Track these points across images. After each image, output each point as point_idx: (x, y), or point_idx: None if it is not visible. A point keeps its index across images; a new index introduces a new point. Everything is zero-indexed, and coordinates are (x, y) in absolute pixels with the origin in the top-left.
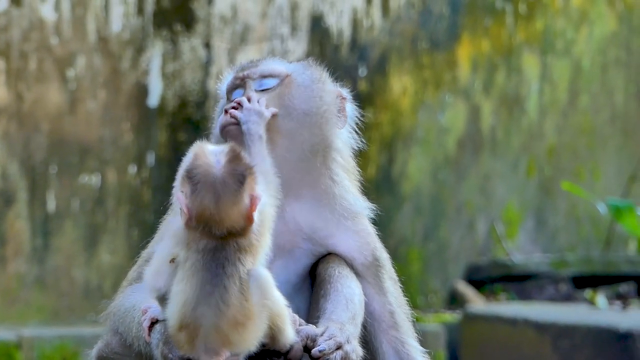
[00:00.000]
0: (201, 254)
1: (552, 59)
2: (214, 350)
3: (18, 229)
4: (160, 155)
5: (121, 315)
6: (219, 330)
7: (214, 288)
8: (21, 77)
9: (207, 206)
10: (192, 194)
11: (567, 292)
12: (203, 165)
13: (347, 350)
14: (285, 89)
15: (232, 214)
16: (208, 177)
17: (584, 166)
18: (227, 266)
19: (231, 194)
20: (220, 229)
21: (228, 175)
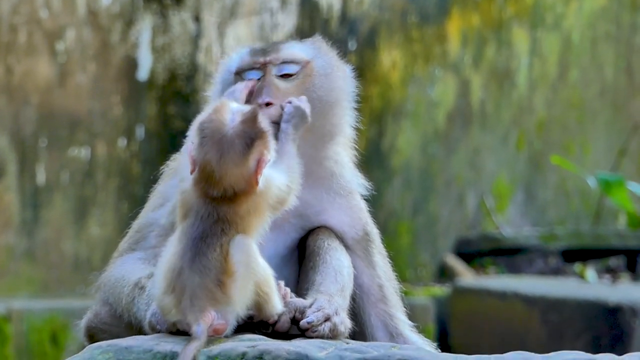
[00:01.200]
0: (193, 220)
1: (542, 33)
2: (200, 308)
3: (7, 201)
4: (150, 129)
5: (111, 286)
6: (203, 289)
7: (198, 256)
8: (11, 50)
9: (209, 161)
10: (199, 146)
11: (556, 265)
12: (216, 121)
13: (335, 322)
14: (307, 77)
15: (233, 174)
16: (217, 133)
17: (573, 140)
18: (212, 236)
19: (235, 154)
20: (218, 187)
21: (237, 136)
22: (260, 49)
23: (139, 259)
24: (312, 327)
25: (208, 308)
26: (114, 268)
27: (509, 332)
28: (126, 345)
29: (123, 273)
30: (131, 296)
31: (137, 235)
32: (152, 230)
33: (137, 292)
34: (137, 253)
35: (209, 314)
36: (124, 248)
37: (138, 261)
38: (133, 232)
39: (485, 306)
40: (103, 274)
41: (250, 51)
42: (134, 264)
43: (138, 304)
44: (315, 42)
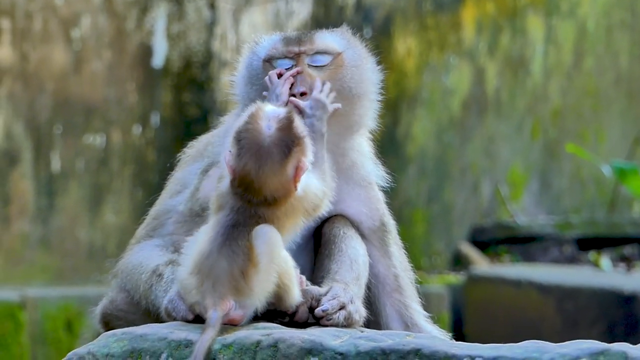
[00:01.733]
0: (227, 212)
1: (557, 20)
2: (220, 294)
3: (22, 189)
4: (165, 116)
5: (128, 273)
6: (227, 276)
7: (229, 242)
8: (26, 38)
9: (249, 172)
10: (237, 157)
11: (571, 254)
12: (252, 130)
13: (350, 311)
14: (337, 68)
15: (272, 183)
16: (254, 144)
17: (588, 128)
18: (244, 226)
19: (274, 164)
20: (258, 196)
21: (274, 145)
22: (294, 38)
23: (157, 246)
24: (327, 315)
25: (228, 296)
26: (131, 255)
27: (523, 321)
28: (141, 333)
29: (141, 260)
30: (149, 283)
31: (155, 222)
32: (169, 217)
33: (155, 279)
34: (154, 240)
35: (227, 302)
36: (141, 235)
37: (156, 248)
38: (150, 219)
39: (500, 295)
40: (120, 261)
41: (283, 40)
42: (152, 251)
43: (156, 291)
44: (345, 33)
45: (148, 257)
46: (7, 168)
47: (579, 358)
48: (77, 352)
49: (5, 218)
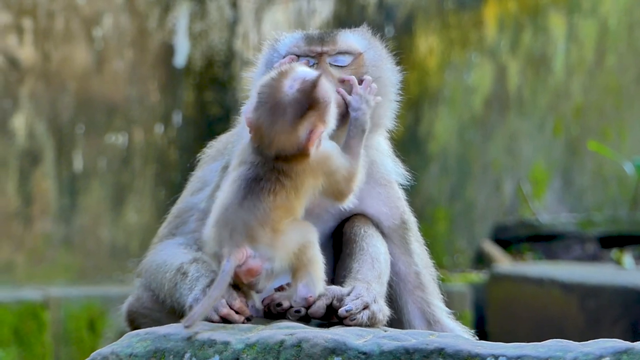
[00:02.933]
0: (248, 166)
1: (579, 18)
2: (236, 242)
3: (45, 188)
4: (187, 115)
5: (153, 272)
6: (244, 226)
7: (250, 195)
8: (48, 37)
9: (261, 125)
10: (254, 109)
11: (593, 252)
12: (273, 86)
13: (374, 310)
14: (358, 68)
15: (282, 140)
16: (271, 99)
17: (610, 126)
18: (265, 180)
19: (285, 122)
20: (269, 149)
21: (289, 104)
22: (317, 38)
23: (180, 244)
24: (351, 315)
25: (244, 244)
26: (154, 253)
27: (546, 319)
28: (164, 333)
29: (165, 258)
30: (173, 281)
31: (177, 220)
32: (191, 215)
33: (180, 278)
34: (177, 238)
35: (243, 250)
36: (164, 233)
37: (180, 246)
38: (172, 217)
39: (523, 293)
40: (144, 260)
41: (305, 38)
42: (176, 249)
43: (180, 289)
44: (366, 34)
45: (172, 255)
46: (29, 167)
47: (602, 357)
48: (101, 352)
49: (28, 217)
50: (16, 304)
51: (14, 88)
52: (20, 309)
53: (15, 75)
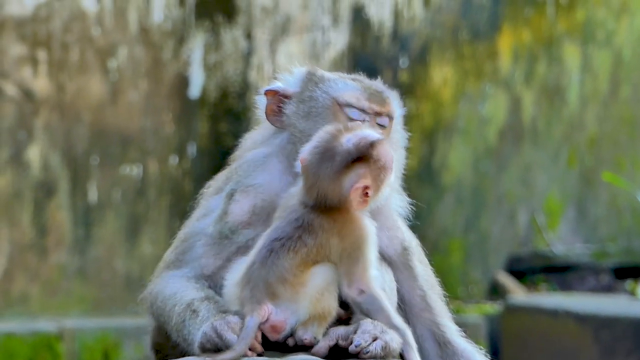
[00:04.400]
0: (278, 223)
1: (593, 49)
2: (258, 300)
3: (59, 219)
4: (202, 146)
5: (160, 304)
6: (265, 283)
7: (271, 250)
8: (63, 68)
9: (309, 166)
10: (310, 151)
11: (608, 283)
12: (333, 134)
13: (386, 340)
14: (390, 130)
15: (325, 185)
16: (327, 144)
17: (625, 156)
18: (291, 235)
19: (330, 169)
20: (311, 194)
21: (340, 152)
22: (378, 97)
23: (191, 277)
24: (362, 349)
25: (265, 301)
26: (162, 283)
27: (560, 351)
28: None
29: (175, 290)
30: (182, 317)
31: (184, 244)
32: (198, 240)
33: (189, 315)
34: (185, 269)
35: (265, 307)
36: (171, 259)
37: (191, 280)
38: (179, 242)
39: (537, 324)
40: (150, 286)
41: (367, 93)
42: (186, 283)
43: (189, 327)
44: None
45: (182, 288)
46: (44, 199)
47: None
48: None
49: (43, 249)
50: (31, 336)
51: (28, 119)
52: (35, 340)
53: (29, 106)
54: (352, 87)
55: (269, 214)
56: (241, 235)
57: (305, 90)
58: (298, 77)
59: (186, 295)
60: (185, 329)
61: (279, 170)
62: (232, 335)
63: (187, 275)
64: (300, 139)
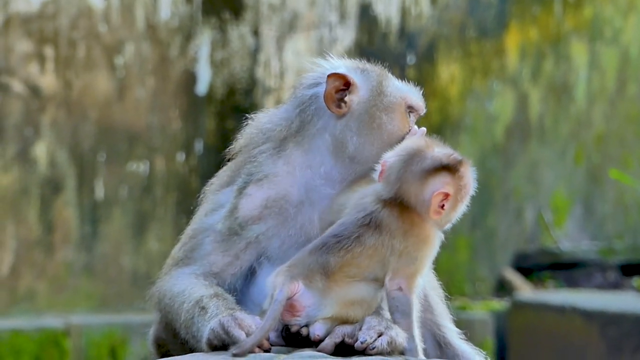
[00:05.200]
0: (345, 218)
1: (601, 46)
2: (292, 276)
3: (66, 216)
4: (209, 143)
5: (168, 301)
6: (305, 266)
7: (326, 244)
8: (69, 65)
9: (395, 163)
10: (396, 154)
11: (615, 280)
12: (423, 144)
13: (391, 335)
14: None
15: (408, 184)
16: (417, 150)
17: (631, 154)
18: (351, 234)
19: (418, 169)
20: (390, 187)
21: (431, 158)
22: (423, 102)
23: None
24: (368, 345)
25: (299, 280)
26: (171, 280)
27: (567, 347)
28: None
29: (183, 288)
30: (191, 314)
31: (193, 241)
32: (207, 236)
33: (198, 311)
34: (193, 267)
35: (296, 285)
36: (179, 257)
37: (200, 277)
38: (187, 238)
39: (544, 321)
40: (158, 284)
41: (423, 97)
42: (195, 280)
43: (198, 324)
44: None
45: (191, 285)
46: (51, 196)
47: None
48: None
49: (50, 246)
50: (37, 332)
51: (35, 116)
52: (42, 336)
53: (36, 103)
54: (412, 89)
55: (282, 207)
56: (251, 230)
57: (383, 84)
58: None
59: (195, 292)
60: (194, 325)
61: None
62: (239, 332)
63: (196, 272)
64: (372, 130)
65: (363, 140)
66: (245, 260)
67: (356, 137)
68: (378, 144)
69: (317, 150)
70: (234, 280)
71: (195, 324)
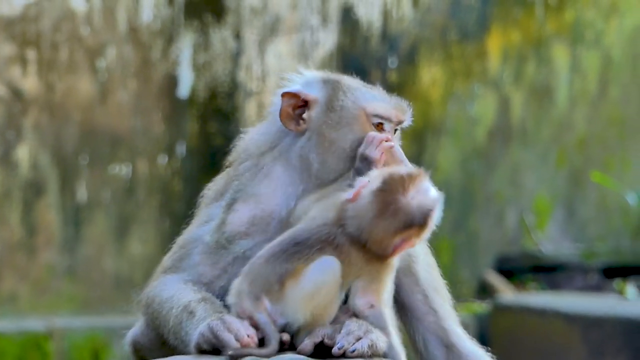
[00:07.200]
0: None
1: (582, 50)
2: (255, 295)
3: (49, 219)
4: (191, 146)
5: (156, 307)
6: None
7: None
8: (52, 68)
9: (367, 207)
10: (372, 192)
11: (596, 282)
12: (401, 182)
13: (372, 339)
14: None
15: (376, 236)
16: (391, 194)
17: (613, 157)
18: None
19: (388, 226)
20: (357, 230)
21: (403, 217)
22: (403, 107)
23: (188, 281)
24: (346, 350)
25: (262, 297)
26: (159, 286)
27: (549, 350)
28: None
29: (172, 294)
30: (179, 319)
31: (182, 251)
32: (195, 247)
33: (186, 316)
34: (182, 274)
35: (263, 304)
36: (168, 265)
37: (187, 283)
38: (177, 248)
39: (526, 323)
40: (147, 290)
41: (395, 105)
42: (184, 286)
43: (186, 328)
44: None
45: (179, 291)
46: (33, 198)
47: None
48: None
49: (32, 248)
50: (19, 335)
51: (17, 119)
52: (24, 339)
53: (18, 106)
54: (379, 97)
55: (268, 224)
56: (238, 245)
57: (333, 99)
58: (317, 83)
59: (183, 297)
60: (182, 330)
61: (283, 181)
62: (228, 335)
63: (185, 279)
64: (327, 148)
65: (321, 158)
66: (233, 273)
67: (315, 154)
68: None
69: (292, 168)
70: (223, 293)
71: (184, 328)
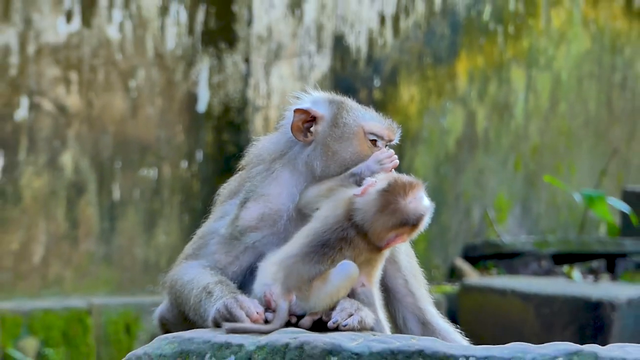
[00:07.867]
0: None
1: (536, 72)
2: (287, 288)
3: (88, 214)
4: (207, 153)
5: (179, 288)
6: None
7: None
8: (91, 88)
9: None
10: (378, 192)
11: (547, 267)
12: (402, 187)
13: (362, 316)
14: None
15: (375, 230)
16: (392, 198)
17: (562, 162)
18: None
19: (388, 222)
20: (361, 220)
21: (399, 216)
22: (391, 127)
23: (207, 266)
24: (339, 324)
25: (292, 292)
26: (181, 270)
27: (508, 324)
28: (188, 337)
29: (192, 277)
30: (199, 298)
31: (200, 241)
32: (212, 238)
33: (205, 295)
34: (201, 260)
35: (291, 296)
36: (189, 253)
37: (206, 268)
38: (197, 238)
39: (488, 302)
40: (170, 273)
41: (388, 126)
42: (202, 270)
43: (205, 305)
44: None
45: (199, 274)
46: (75, 197)
47: (556, 358)
48: (135, 353)
49: (74, 239)
50: (65, 311)
51: (62, 130)
52: (68, 315)
53: (63, 119)
54: (375, 118)
55: (275, 220)
56: (249, 237)
57: (338, 116)
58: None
59: (202, 279)
60: (201, 307)
61: (289, 183)
62: (240, 312)
63: (203, 264)
64: (330, 157)
65: (324, 165)
66: (244, 261)
67: (319, 162)
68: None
69: (298, 173)
70: (235, 277)
71: (203, 306)
